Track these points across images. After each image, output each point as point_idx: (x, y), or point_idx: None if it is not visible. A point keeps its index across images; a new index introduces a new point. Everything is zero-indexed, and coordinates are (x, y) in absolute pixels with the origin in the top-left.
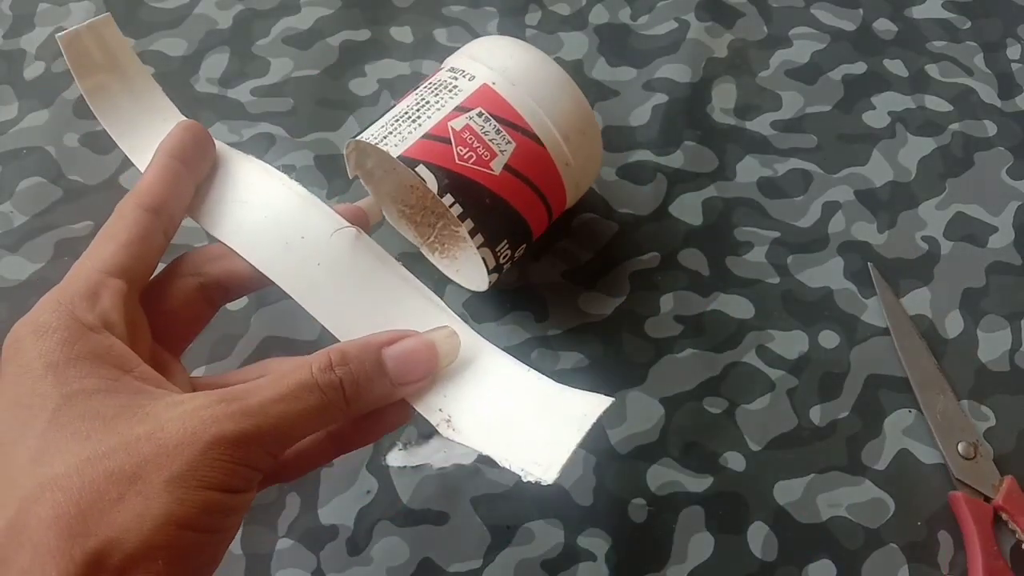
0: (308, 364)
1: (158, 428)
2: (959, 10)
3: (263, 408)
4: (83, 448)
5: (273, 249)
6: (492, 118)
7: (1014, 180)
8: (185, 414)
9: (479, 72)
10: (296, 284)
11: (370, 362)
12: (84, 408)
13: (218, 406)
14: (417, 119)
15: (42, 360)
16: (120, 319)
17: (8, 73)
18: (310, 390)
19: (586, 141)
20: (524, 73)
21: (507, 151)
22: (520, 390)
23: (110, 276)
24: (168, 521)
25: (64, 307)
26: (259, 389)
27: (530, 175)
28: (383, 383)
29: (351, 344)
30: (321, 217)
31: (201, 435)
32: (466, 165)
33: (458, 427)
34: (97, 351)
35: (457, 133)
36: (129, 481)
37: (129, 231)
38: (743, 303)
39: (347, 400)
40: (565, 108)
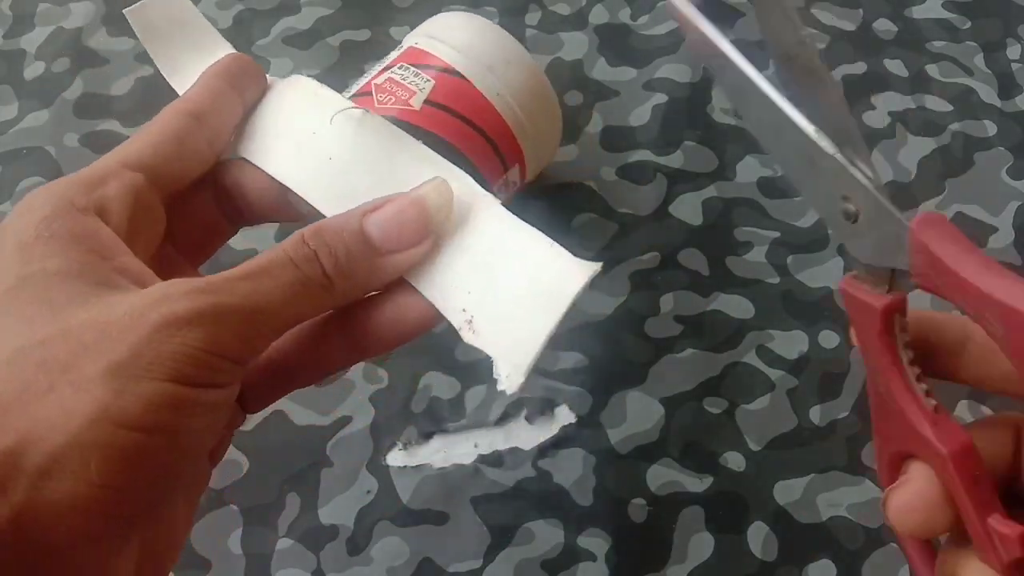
0: (282, 244)
1: (105, 314)
2: (959, 10)
3: (225, 285)
4: (20, 335)
5: (285, 152)
6: (411, 67)
7: (1014, 180)
8: (135, 297)
9: (407, 41)
10: (311, 185)
11: (349, 231)
12: (37, 291)
13: (176, 285)
14: (349, 89)
15: (15, 238)
16: (120, 209)
17: (8, 73)
18: (283, 265)
19: (516, 70)
20: (444, 27)
21: (426, 88)
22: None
23: (126, 167)
24: (102, 416)
25: (59, 188)
26: (229, 271)
27: (455, 106)
28: (369, 253)
29: (330, 218)
30: (328, 106)
31: (148, 315)
32: (385, 107)
33: (478, 329)
34: (76, 232)
35: (379, 86)
36: (62, 371)
37: (162, 130)
38: (743, 303)
39: (328, 275)
40: (484, 43)
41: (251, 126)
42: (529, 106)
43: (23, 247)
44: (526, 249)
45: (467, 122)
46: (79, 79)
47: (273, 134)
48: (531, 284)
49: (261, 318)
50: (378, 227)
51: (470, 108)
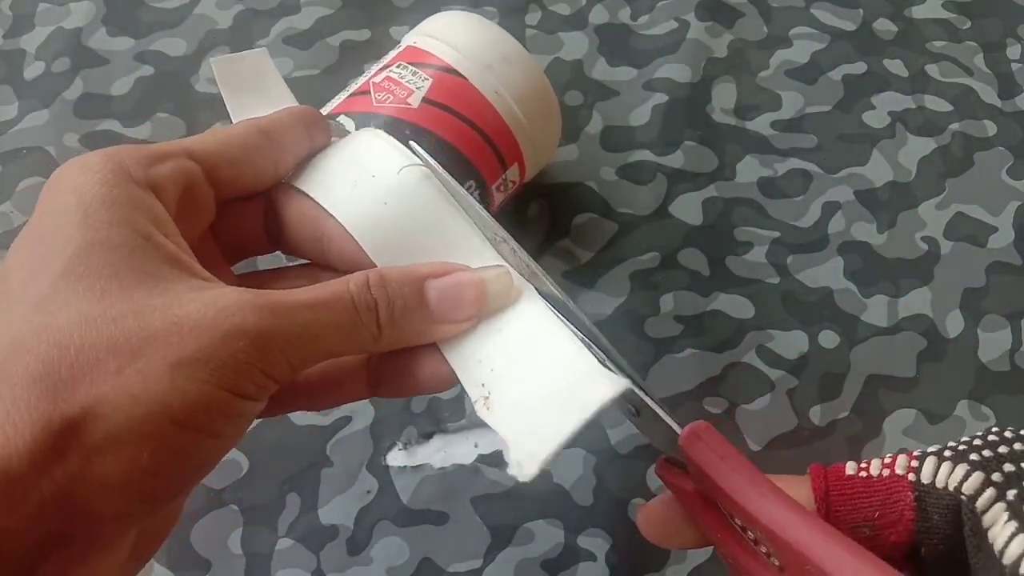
0: (346, 280)
1: (176, 304)
2: (959, 10)
3: (291, 310)
4: (92, 306)
5: (340, 187)
6: (410, 66)
7: (1014, 180)
8: (208, 297)
9: (405, 40)
10: (360, 222)
11: (411, 290)
12: (103, 261)
13: (244, 296)
14: (348, 88)
15: (75, 195)
16: (172, 189)
17: (8, 73)
18: (344, 305)
19: (515, 69)
20: (442, 26)
21: (424, 87)
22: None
23: (186, 153)
24: (162, 411)
25: (118, 155)
26: (291, 292)
27: (453, 104)
28: (422, 315)
29: (394, 269)
30: (393, 154)
31: (221, 321)
32: (383, 106)
33: (493, 407)
34: (135, 201)
35: (376, 84)
36: (132, 355)
37: (232, 134)
38: (743, 303)
39: (380, 326)
40: (482, 41)
41: (312, 164)
42: (528, 105)
43: (86, 209)
44: (557, 347)
45: (465, 121)
46: (79, 79)
47: (332, 172)
48: (556, 383)
49: (311, 348)
50: (438, 295)
51: (468, 107)
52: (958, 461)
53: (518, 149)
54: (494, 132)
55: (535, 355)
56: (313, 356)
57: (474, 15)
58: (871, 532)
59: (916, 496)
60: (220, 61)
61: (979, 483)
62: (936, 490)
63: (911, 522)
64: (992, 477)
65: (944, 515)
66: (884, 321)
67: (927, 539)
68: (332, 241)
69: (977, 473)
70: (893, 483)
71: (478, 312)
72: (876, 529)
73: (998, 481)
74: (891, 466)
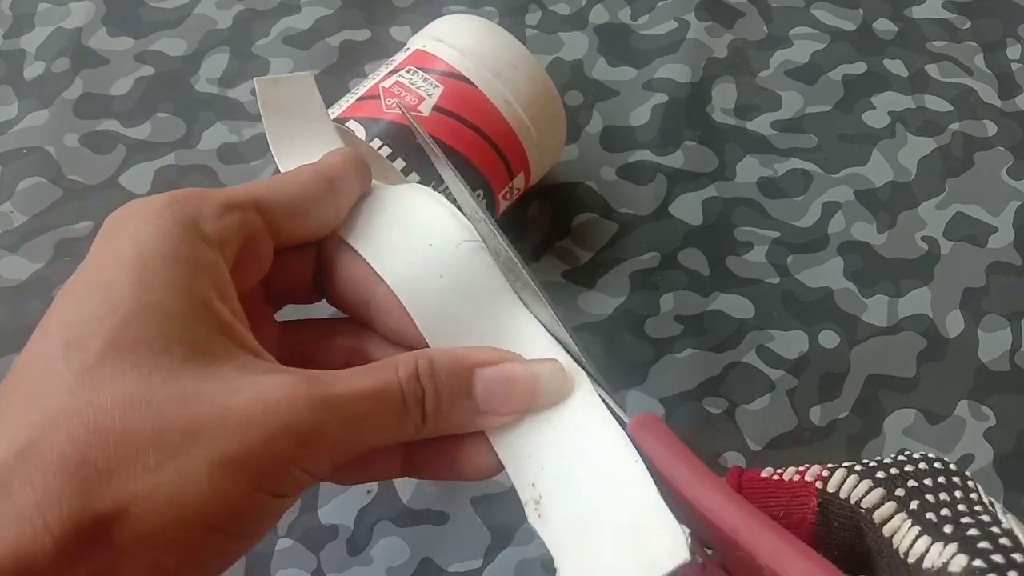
0: (395, 366)
1: (225, 392)
2: (959, 10)
3: (346, 403)
4: (138, 386)
5: (396, 253)
6: (420, 71)
7: (1014, 180)
8: (259, 385)
9: (413, 43)
10: (413, 294)
11: (459, 379)
12: (156, 332)
13: (299, 385)
14: (355, 91)
15: (135, 247)
16: (235, 243)
17: (8, 73)
18: (393, 396)
19: (523, 76)
20: (451, 31)
21: (435, 94)
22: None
23: (254, 205)
24: (198, 517)
25: (190, 204)
26: (341, 378)
27: (464, 113)
28: (467, 406)
29: (442, 354)
30: (452, 227)
31: (271, 418)
32: (394, 112)
33: (545, 515)
34: (199, 261)
35: (386, 89)
36: (173, 450)
37: (299, 183)
38: (743, 303)
39: (425, 416)
40: (491, 48)
41: (365, 217)
42: (535, 113)
43: (144, 265)
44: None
45: (475, 130)
46: (79, 79)
47: (386, 233)
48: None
49: (356, 443)
50: (486, 386)
51: (478, 115)
52: (864, 476)
53: (525, 158)
54: (503, 141)
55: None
56: (356, 450)
57: (483, 20)
58: None
59: (819, 502)
60: (263, 82)
61: (879, 498)
62: (839, 500)
63: (812, 525)
64: (895, 492)
65: (843, 524)
66: (884, 321)
67: (825, 544)
68: (380, 308)
69: (878, 490)
70: (800, 488)
71: (527, 408)
72: None
73: (900, 496)
74: (803, 474)
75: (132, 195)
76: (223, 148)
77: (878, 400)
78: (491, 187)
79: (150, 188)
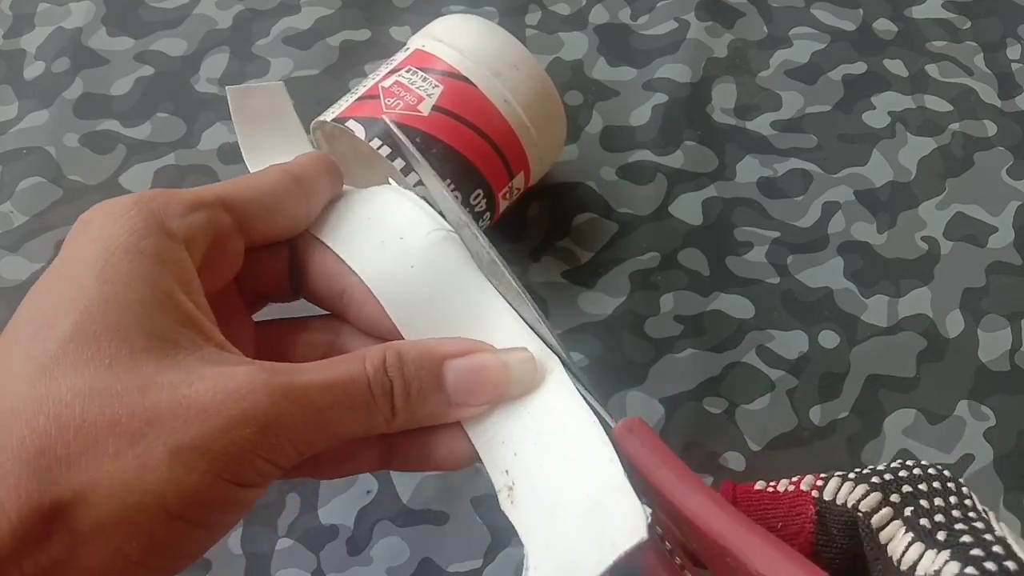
0: (362, 358)
1: (185, 382)
2: (959, 10)
3: (306, 393)
4: (98, 376)
5: (367, 247)
6: (419, 71)
7: (1014, 180)
8: (220, 374)
9: (413, 43)
10: (385, 284)
11: (428, 371)
12: (116, 322)
13: (259, 375)
14: (355, 91)
15: (99, 244)
16: (202, 240)
17: (8, 73)
18: (360, 387)
19: (523, 76)
20: (450, 31)
21: (434, 94)
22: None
23: (221, 202)
24: (158, 502)
25: (155, 203)
26: (306, 370)
27: (463, 113)
28: (438, 399)
29: (411, 346)
30: (422, 219)
31: (230, 406)
32: (393, 112)
33: (517, 501)
34: (162, 254)
35: (386, 89)
36: (132, 438)
37: (266, 181)
38: (743, 303)
39: (394, 409)
40: (491, 47)
41: (337, 215)
42: (535, 113)
43: (107, 256)
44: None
45: (475, 129)
46: (79, 79)
47: (358, 227)
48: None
49: (321, 433)
50: (456, 377)
51: (478, 115)
52: (859, 482)
53: (525, 157)
54: (502, 141)
55: (559, 443)
56: (322, 441)
57: (483, 20)
58: None
59: (817, 510)
60: (235, 91)
61: (876, 502)
62: (836, 506)
63: (811, 534)
64: (890, 498)
65: (842, 529)
66: (884, 321)
67: (825, 551)
68: (353, 299)
69: (875, 493)
70: (797, 497)
71: (498, 398)
72: None
73: (895, 501)
74: (797, 484)
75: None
76: (223, 148)
77: (878, 400)
78: (491, 187)
79: (150, 188)
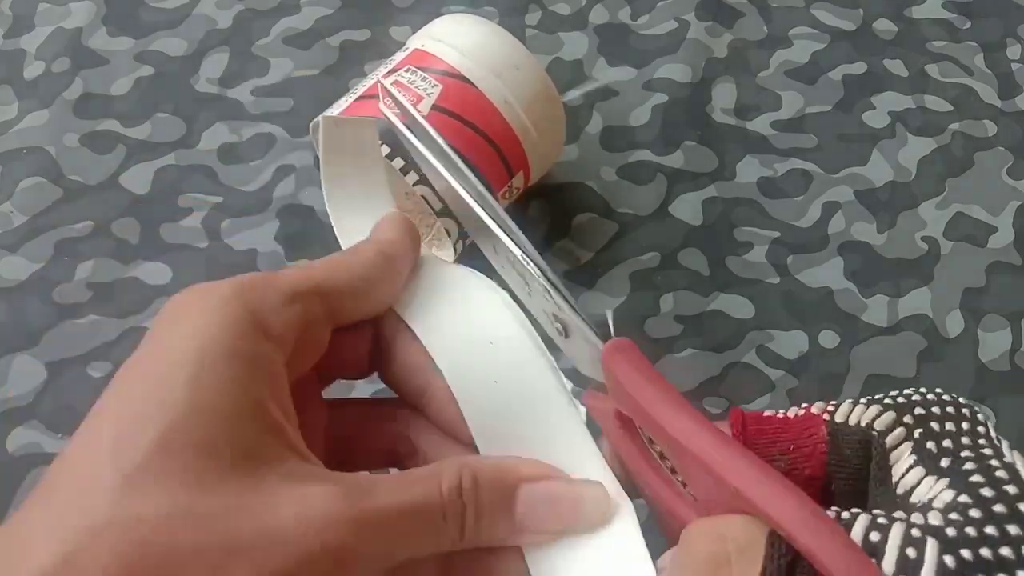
0: (438, 477)
1: (268, 508)
2: (959, 10)
3: (386, 519)
4: (185, 495)
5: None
6: (419, 70)
7: (1014, 180)
8: (302, 500)
9: (412, 43)
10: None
11: (502, 495)
12: (205, 435)
13: (338, 502)
14: (355, 91)
15: (195, 340)
16: (294, 336)
17: (8, 73)
18: (433, 510)
19: (523, 76)
20: (450, 31)
21: (434, 93)
22: None
23: (316, 294)
24: None
25: (251, 291)
26: (383, 490)
27: (463, 112)
28: (507, 524)
29: (488, 467)
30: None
31: (311, 539)
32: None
33: None
34: (258, 358)
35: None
36: (213, 568)
37: (360, 264)
38: (743, 303)
39: (463, 531)
40: (491, 48)
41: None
42: (535, 113)
43: (202, 358)
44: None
45: (475, 129)
46: (79, 79)
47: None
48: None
49: (392, 557)
50: (527, 504)
51: (478, 115)
52: (872, 404)
53: (524, 157)
54: (502, 141)
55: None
56: (391, 563)
57: (483, 19)
58: (786, 466)
59: (829, 432)
60: (328, 122)
61: (891, 420)
62: (849, 427)
63: (823, 454)
64: (903, 419)
65: (855, 450)
66: (884, 321)
67: (837, 472)
68: (434, 398)
69: (890, 412)
70: (808, 420)
71: (567, 529)
72: (791, 463)
73: (908, 423)
74: (808, 408)
75: (132, 195)
76: (223, 148)
77: None
78: (490, 186)
79: (150, 188)
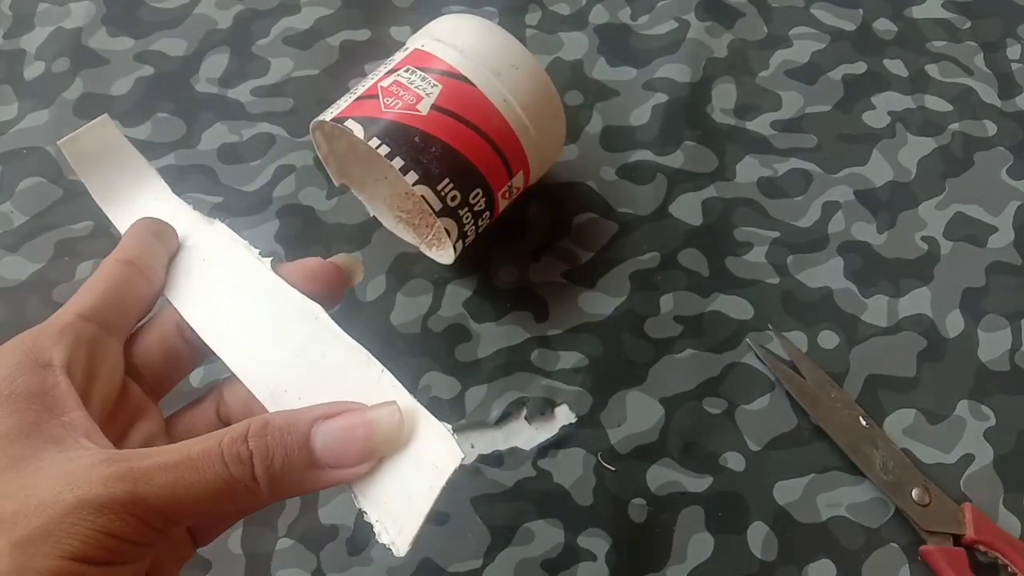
0: (221, 432)
1: (32, 484)
2: (959, 10)
3: (148, 474)
4: None
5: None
6: (418, 70)
7: (1014, 180)
8: (62, 472)
9: (412, 43)
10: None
11: (295, 437)
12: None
13: (98, 467)
14: (355, 91)
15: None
16: (80, 359)
17: (8, 73)
18: (210, 462)
19: (522, 75)
20: (450, 30)
21: (433, 93)
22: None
23: (82, 319)
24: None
25: (24, 343)
26: (157, 452)
27: (462, 112)
28: (307, 465)
29: (280, 414)
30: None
31: (65, 496)
32: (392, 111)
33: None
34: (33, 389)
35: (385, 89)
36: None
37: (106, 280)
38: (743, 303)
39: (258, 479)
40: (491, 47)
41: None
42: (534, 112)
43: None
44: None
45: (474, 128)
46: (79, 79)
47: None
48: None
49: (176, 511)
50: (324, 441)
51: (477, 114)
52: None
53: (524, 157)
54: (502, 140)
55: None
56: (180, 517)
57: (482, 19)
58: None
59: None
60: (66, 142)
61: None
62: None
63: None
64: None
65: None
66: (884, 321)
67: None
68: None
69: None
70: None
71: (370, 456)
72: None
73: None
74: None
75: None
76: (223, 148)
77: (878, 400)
78: (490, 186)
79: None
